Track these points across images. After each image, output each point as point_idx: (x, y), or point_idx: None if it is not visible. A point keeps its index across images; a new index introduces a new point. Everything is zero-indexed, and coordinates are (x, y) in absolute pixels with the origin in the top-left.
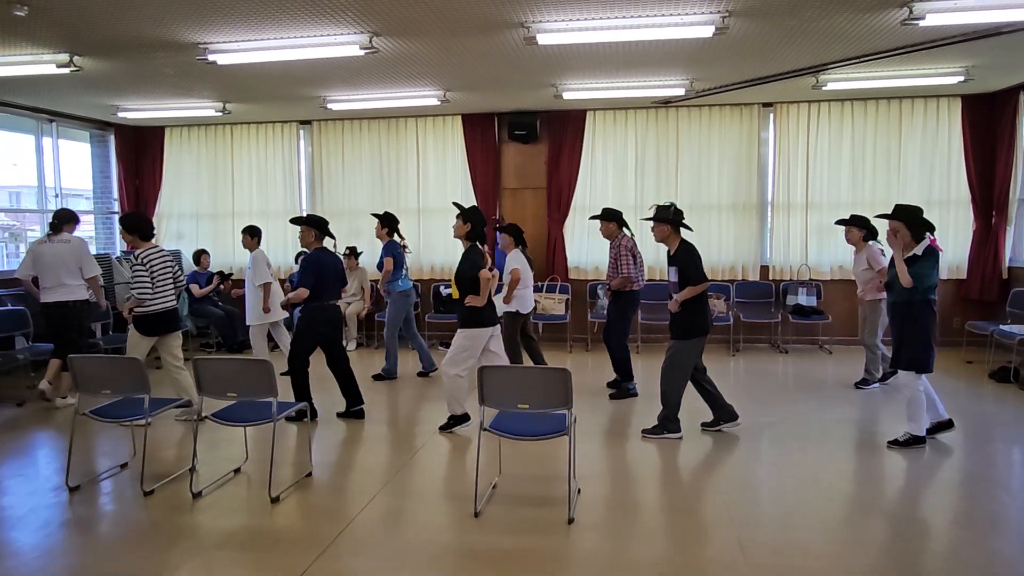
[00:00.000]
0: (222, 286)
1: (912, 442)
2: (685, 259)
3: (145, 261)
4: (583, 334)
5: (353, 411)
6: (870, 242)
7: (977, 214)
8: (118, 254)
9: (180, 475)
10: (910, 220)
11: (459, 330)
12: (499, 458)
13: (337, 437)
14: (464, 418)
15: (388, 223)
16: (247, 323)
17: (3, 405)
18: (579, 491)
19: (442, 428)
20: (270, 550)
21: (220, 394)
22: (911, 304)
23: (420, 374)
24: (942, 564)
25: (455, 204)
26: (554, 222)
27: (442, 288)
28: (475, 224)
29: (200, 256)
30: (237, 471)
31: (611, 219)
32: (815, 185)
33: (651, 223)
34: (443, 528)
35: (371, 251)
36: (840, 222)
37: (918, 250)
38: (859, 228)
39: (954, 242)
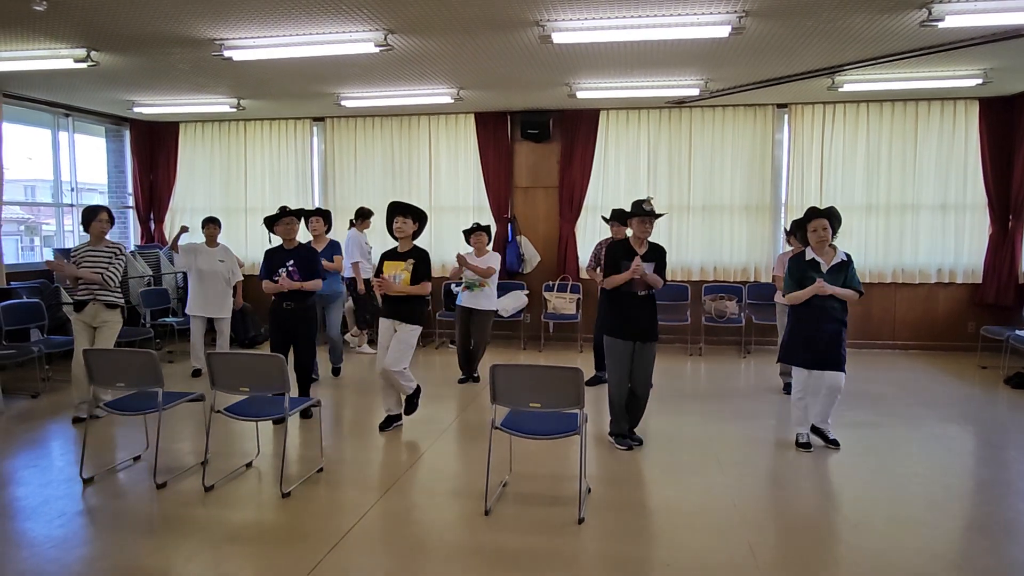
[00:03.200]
0: None
1: None
2: (664, 258)
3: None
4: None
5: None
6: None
7: (993, 218)
8: (132, 248)
9: (192, 468)
10: (835, 221)
11: (412, 327)
12: (510, 456)
13: (348, 433)
14: (418, 390)
15: (329, 222)
16: (223, 316)
17: (18, 396)
18: (589, 491)
19: (409, 412)
20: (281, 545)
21: (233, 388)
22: (846, 311)
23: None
24: (956, 572)
25: (397, 205)
26: (566, 221)
27: (453, 286)
28: (423, 224)
29: None
30: (249, 465)
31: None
32: (829, 187)
33: (643, 219)
34: (453, 526)
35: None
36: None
37: (842, 256)
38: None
39: (970, 246)
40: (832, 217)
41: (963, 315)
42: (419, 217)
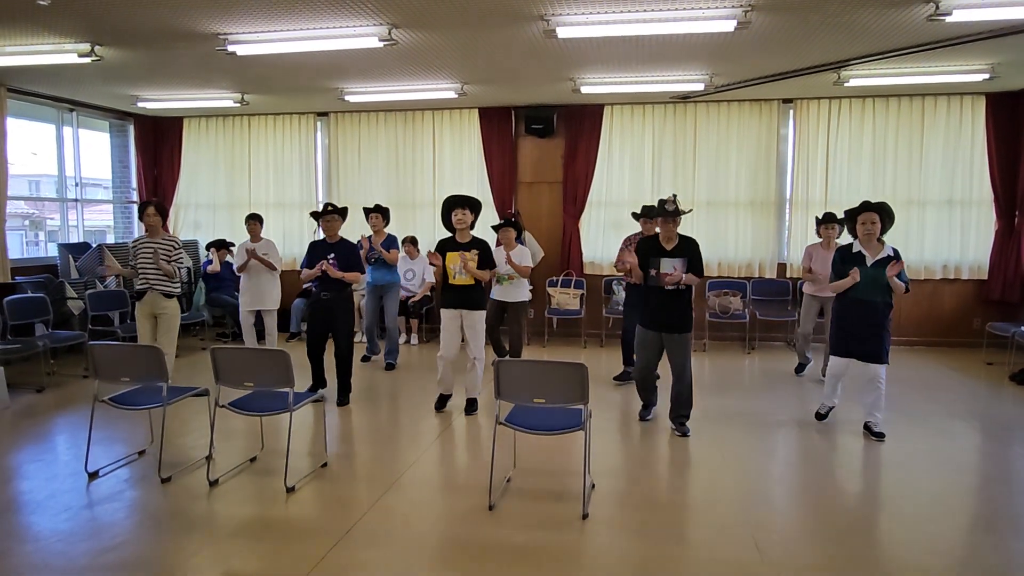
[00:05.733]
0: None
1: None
2: (696, 251)
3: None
4: (597, 329)
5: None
6: None
7: (999, 214)
8: None
9: (197, 463)
10: (886, 216)
11: (479, 312)
12: (514, 452)
13: (353, 428)
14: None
15: (388, 217)
16: (269, 308)
17: (23, 391)
18: (593, 486)
19: (468, 412)
20: (285, 540)
21: (237, 383)
22: (888, 305)
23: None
24: (962, 568)
25: (456, 198)
26: (570, 217)
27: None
28: (479, 213)
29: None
30: (253, 460)
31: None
32: (834, 183)
33: (665, 217)
34: (457, 521)
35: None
36: (831, 217)
37: (889, 251)
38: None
39: (976, 242)
40: (883, 212)
41: (969, 311)
42: (476, 208)
